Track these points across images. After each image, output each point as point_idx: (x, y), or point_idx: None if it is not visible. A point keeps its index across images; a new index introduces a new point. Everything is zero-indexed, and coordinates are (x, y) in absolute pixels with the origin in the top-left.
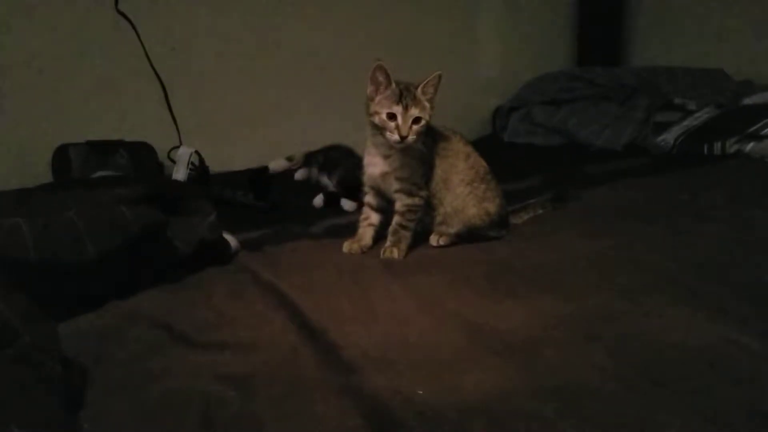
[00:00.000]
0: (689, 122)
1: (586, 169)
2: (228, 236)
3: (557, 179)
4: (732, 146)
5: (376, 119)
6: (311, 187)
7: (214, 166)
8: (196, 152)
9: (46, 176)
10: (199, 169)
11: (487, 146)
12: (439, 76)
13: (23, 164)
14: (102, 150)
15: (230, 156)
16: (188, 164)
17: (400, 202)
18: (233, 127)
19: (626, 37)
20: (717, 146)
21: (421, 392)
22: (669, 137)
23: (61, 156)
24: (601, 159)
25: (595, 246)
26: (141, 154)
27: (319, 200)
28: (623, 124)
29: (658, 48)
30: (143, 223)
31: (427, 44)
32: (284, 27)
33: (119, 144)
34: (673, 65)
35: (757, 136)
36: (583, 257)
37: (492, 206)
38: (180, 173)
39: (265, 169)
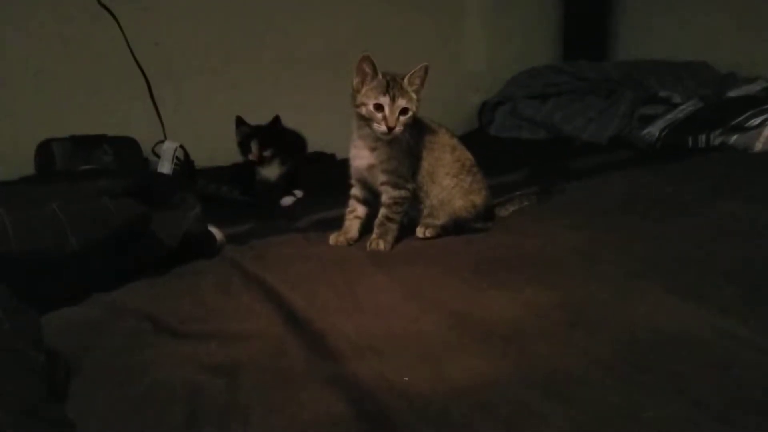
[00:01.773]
0: (674, 115)
1: (571, 163)
2: (213, 229)
3: (543, 173)
4: (716, 138)
5: (363, 110)
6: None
7: (200, 161)
8: (181, 147)
9: (29, 171)
10: (184, 163)
11: (474, 140)
12: (426, 68)
13: (6, 159)
14: (86, 145)
15: (215, 151)
16: (173, 159)
17: (387, 195)
18: (218, 122)
19: (611, 32)
20: (701, 138)
21: (407, 379)
22: (654, 130)
23: (45, 151)
24: (587, 153)
25: (579, 237)
26: (125, 148)
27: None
28: (608, 117)
29: (643, 42)
30: (126, 216)
31: (413, 39)
32: (269, 21)
33: (103, 139)
34: (657, 59)
35: (741, 128)
36: (567, 248)
37: (478, 198)
38: (165, 168)
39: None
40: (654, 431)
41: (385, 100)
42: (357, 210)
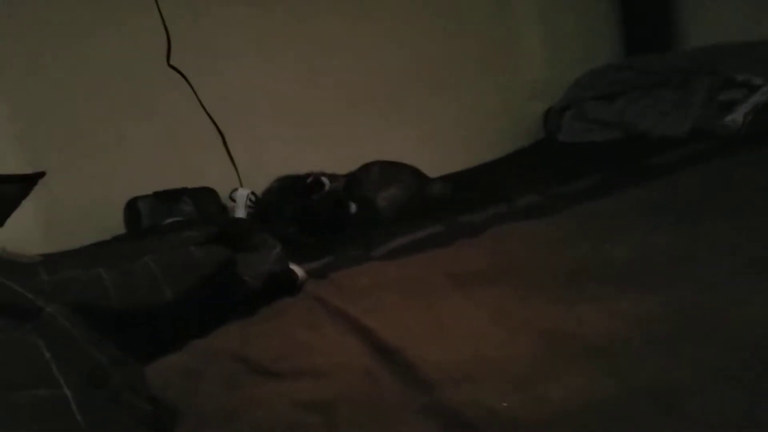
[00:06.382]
0: (757, 98)
1: (650, 161)
2: (294, 267)
3: (619, 174)
4: None
5: None
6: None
7: None
8: (253, 193)
9: (119, 230)
10: (256, 207)
11: (543, 149)
12: None
13: (97, 220)
14: (168, 199)
15: None
16: (246, 204)
17: None
18: (284, 165)
19: (675, 21)
20: None
21: (506, 404)
22: (737, 116)
23: (132, 209)
24: (665, 148)
25: (669, 238)
26: (204, 198)
27: None
28: (684, 109)
29: (711, 27)
30: (214, 262)
31: (469, 55)
32: (327, 62)
33: (183, 191)
34: (728, 42)
35: None
36: (658, 251)
37: None
38: (240, 213)
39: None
40: None
41: None
42: None
